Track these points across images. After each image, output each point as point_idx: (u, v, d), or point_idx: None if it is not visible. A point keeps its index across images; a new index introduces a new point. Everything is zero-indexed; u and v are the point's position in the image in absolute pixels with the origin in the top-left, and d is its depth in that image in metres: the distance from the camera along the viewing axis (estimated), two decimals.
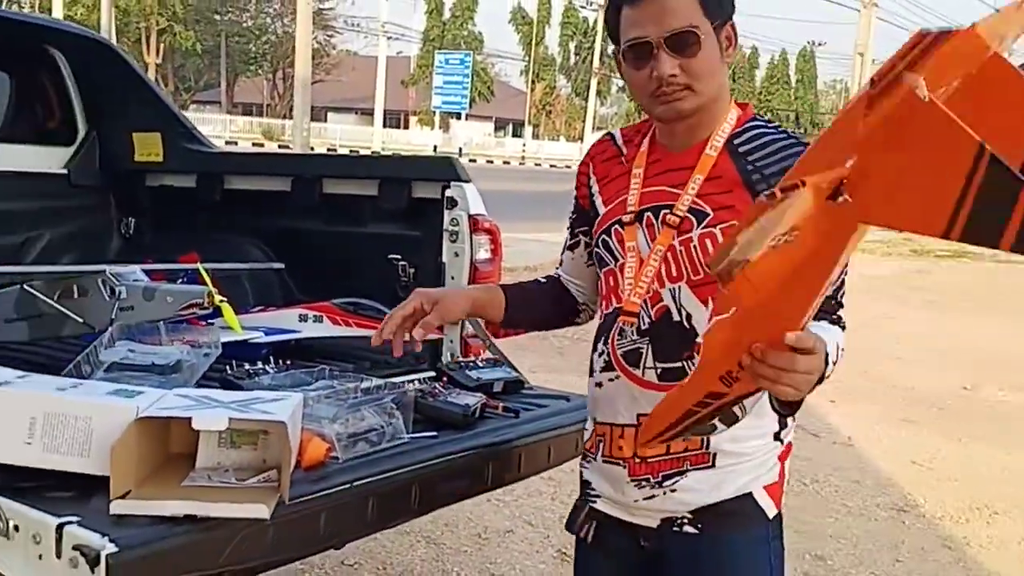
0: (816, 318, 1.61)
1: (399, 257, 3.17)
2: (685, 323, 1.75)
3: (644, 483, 1.82)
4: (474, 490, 2.32)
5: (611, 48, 1.90)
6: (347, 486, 1.86)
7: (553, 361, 7.19)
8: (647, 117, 1.87)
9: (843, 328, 1.73)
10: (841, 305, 1.74)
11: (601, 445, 1.89)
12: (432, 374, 2.77)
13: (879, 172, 1.15)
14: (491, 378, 2.63)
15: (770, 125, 1.84)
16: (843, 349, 1.66)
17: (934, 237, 1.06)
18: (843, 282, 1.73)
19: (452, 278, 3.01)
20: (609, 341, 1.83)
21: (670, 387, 1.59)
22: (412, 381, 2.52)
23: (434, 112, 51.10)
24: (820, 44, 67.85)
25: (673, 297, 1.77)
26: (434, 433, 2.19)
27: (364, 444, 2.00)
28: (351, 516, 1.90)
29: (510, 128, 65.64)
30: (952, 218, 1.02)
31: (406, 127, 58.35)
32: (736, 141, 1.79)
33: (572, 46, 60.77)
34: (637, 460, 1.82)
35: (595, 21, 56.63)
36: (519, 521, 4.44)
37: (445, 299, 1.95)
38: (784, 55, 67.99)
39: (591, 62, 57.00)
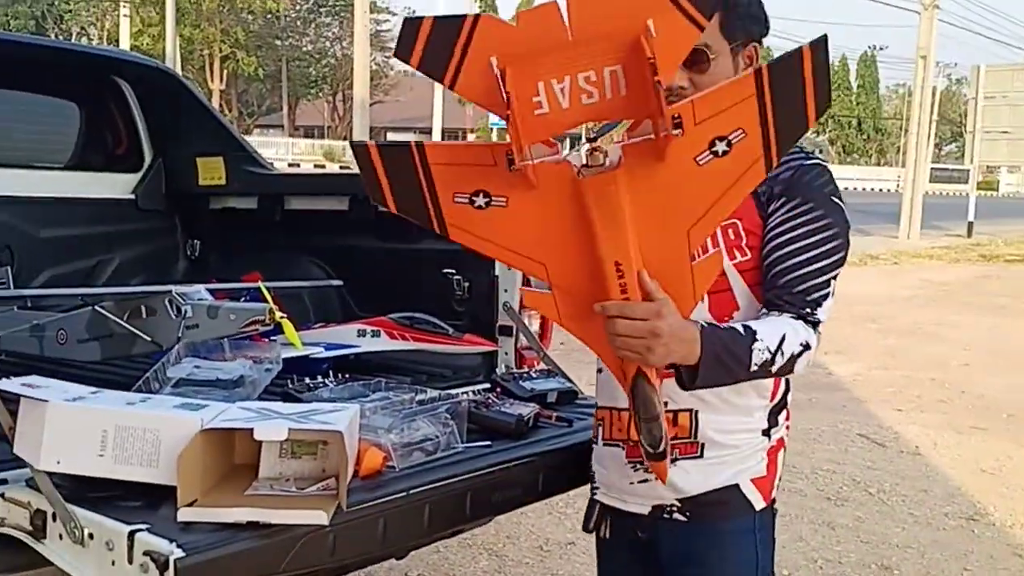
0: (780, 310, 1.76)
1: (454, 271, 3.23)
2: (706, 326, 1.80)
3: (639, 465, 1.91)
4: (527, 499, 2.35)
5: None
6: (403, 494, 1.91)
7: None
8: None
9: (811, 325, 1.78)
10: (811, 303, 1.79)
11: (601, 429, 2.01)
12: (487, 385, 2.82)
13: None
14: (545, 388, 2.67)
15: None
16: (804, 345, 1.74)
17: None
18: (823, 284, 1.79)
19: (505, 291, 3.06)
20: None
21: (664, 370, 1.70)
22: (467, 392, 2.57)
23: (491, 129, 51.35)
24: (881, 48, 66.76)
25: None
26: (488, 443, 2.24)
27: (419, 453, 2.06)
28: (407, 523, 1.95)
29: (567, 141, 65.66)
30: None
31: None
32: None
33: None
34: (632, 443, 1.89)
35: None
36: (580, 533, 4.45)
37: None
38: (844, 61, 66.95)
39: None
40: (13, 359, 2.85)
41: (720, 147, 1.47)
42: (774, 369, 1.73)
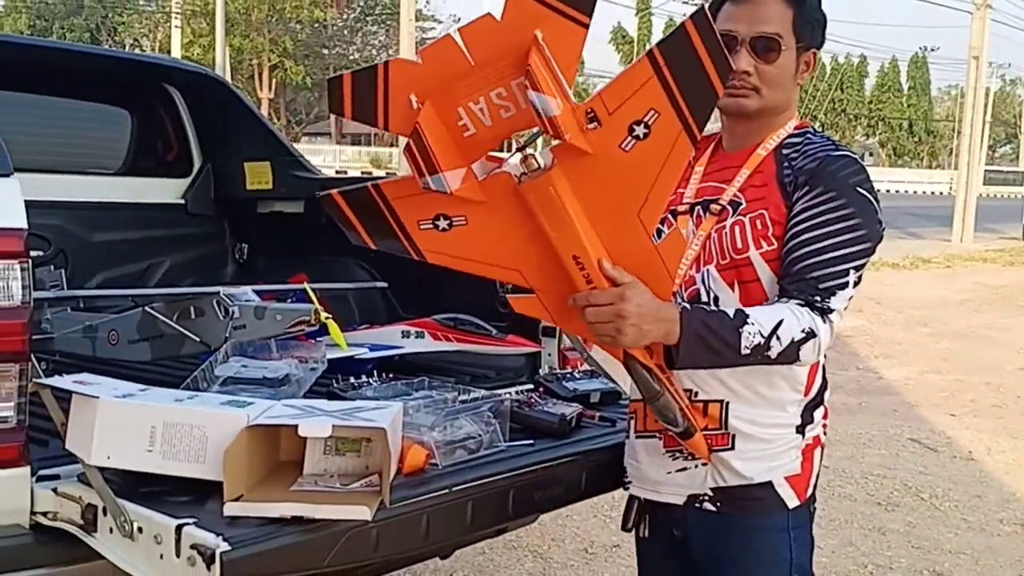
0: (790, 296, 1.77)
1: None
2: (712, 304, 1.85)
3: (678, 454, 1.93)
4: (570, 498, 2.35)
5: None
6: (446, 491, 1.93)
7: None
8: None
9: (820, 313, 1.77)
10: (823, 291, 1.78)
11: (634, 422, 2.03)
12: (530, 386, 2.82)
13: None
14: (588, 389, 2.66)
15: (819, 135, 1.93)
16: (807, 332, 1.73)
17: None
18: (839, 273, 1.78)
19: None
20: None
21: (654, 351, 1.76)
22: (510, 392, 2.57)
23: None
24: (933, 49, 65.65)
25: (703, 280, 1.89)
26: (531, 441, 2.24)
27: (462, 451, 2.07)
28: (450, 520, 1.96)
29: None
30: None
31: (508, 149, 58.91)
32: (784, 146, 1.90)
33: None
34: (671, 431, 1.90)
35: None
36: (625, 536, 4.43)
37: None
38: (895, 62, 66.00)
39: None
40: (67, 359, 2.92)
41: (639, 130, 1.54)
42: (772, 354, 1.73)
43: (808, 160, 1.84)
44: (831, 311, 1.79)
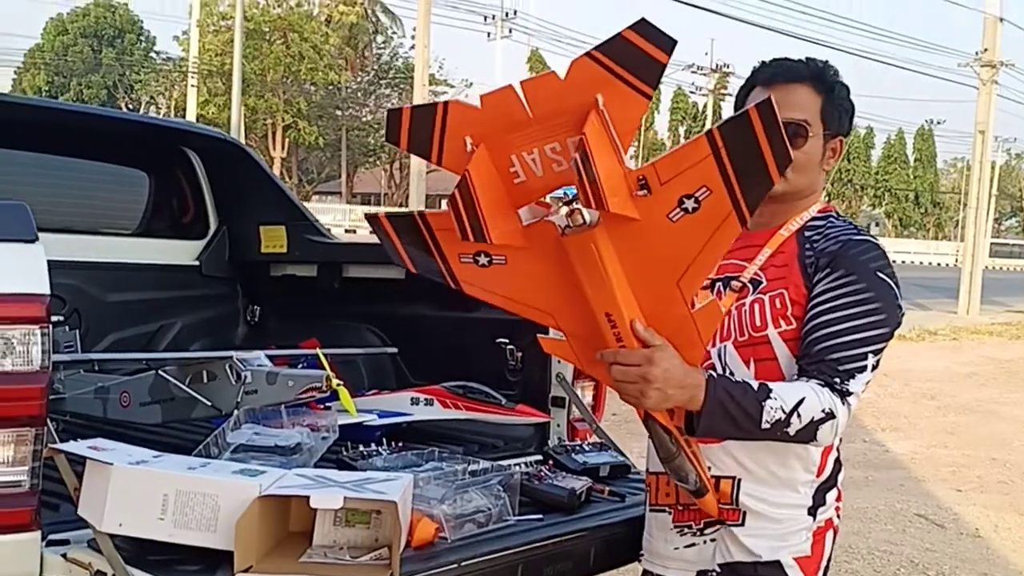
0: (809, 376, 1.80)
1: (507, 341, 3.26)
2: (715, 376, 1.84)
3: (687, 529, 1.94)
4: (579, 573, 2.33)
5: None
6: (455, 565, 1.92)
7: None
8: None
9: (839, 395, 1.79)
10: (843, 373, 1.80)
11: (648, 495, 2.04)
12: (539, 457, 2.82)
13: None
14: (597, 462, 2.66)
15: (842, 219, 1.96)
16: (826, 412, 1.76)
17: None
18: (858, 356, 1.81)
19: (559, 361, 3.07)
20: None
21: (708, 439, 1.79)
22: (519, 464, 2.57)
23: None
24: (939, 122, 66.09)
25: (719, 355, 1.91)
26: (540, 516, 2.24)
27: (471, 525, 2.07)
28: None
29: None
30: None
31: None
32: (807, 228, 1.93)
33: (682, 130, 61.00)
34: (680, 507, 1.94)
35: (704, 105, 56.77)
36: None
37: None
38: (901, 134, 66.57)
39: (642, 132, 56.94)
40: (78, 419, 2.93)
41: (689, 204, 1.56)
42: (791, 431, 1.74)
43: (830, 243, 1.88)
44: (850, 393, 1.81)
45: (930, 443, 8.31)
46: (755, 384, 1.75)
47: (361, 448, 2.60)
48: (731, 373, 1.89)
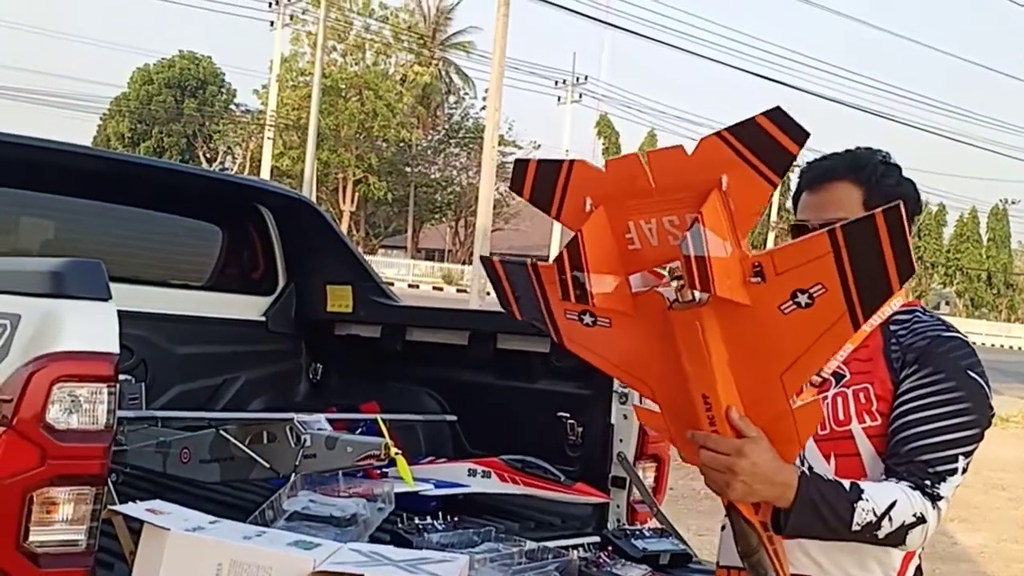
0: (899, 478, 1.72)
1: (568, 415, 3.21)
2: (807, 473, 1.77)
3: None
4: None
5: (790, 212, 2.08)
6: None
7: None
8: None
9: (930, 499, 1.71)
10: (933, 475, 1.73)
11: None
12: (597, 539, 2.75)
13: None
14: (657, 550, 2.59)
15: (928, 314, 1.91)
16: (917, 517, 1.68)
17: None
18: (950, 458, 1.74)
19: (620, 440, 3.01)
20: None
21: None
22: (577, 547, 2.51)
23: None
24: (1014, 202, 64.85)
25: None
26: None
27: None
28: None
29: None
30: None
31: None
32: (892, 323, 1.87)
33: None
34: None
35: None
36: None
37: None
38: (974, 212, 65.40)
39: (768, 215, 56.69)
40: (137, 471, 2.94)
41: (802, 299, 1.51)
42: (880, 535, 1.67)
43: (918, 338, 1.82)
44: (941, 497, 1.73)
45: (1001, 536, 7.98)
46: (847, 484, 1.68)
47: (416, 521, 2.56)
48: (809, 468, 1.81)
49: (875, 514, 1.66)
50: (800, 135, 1.45)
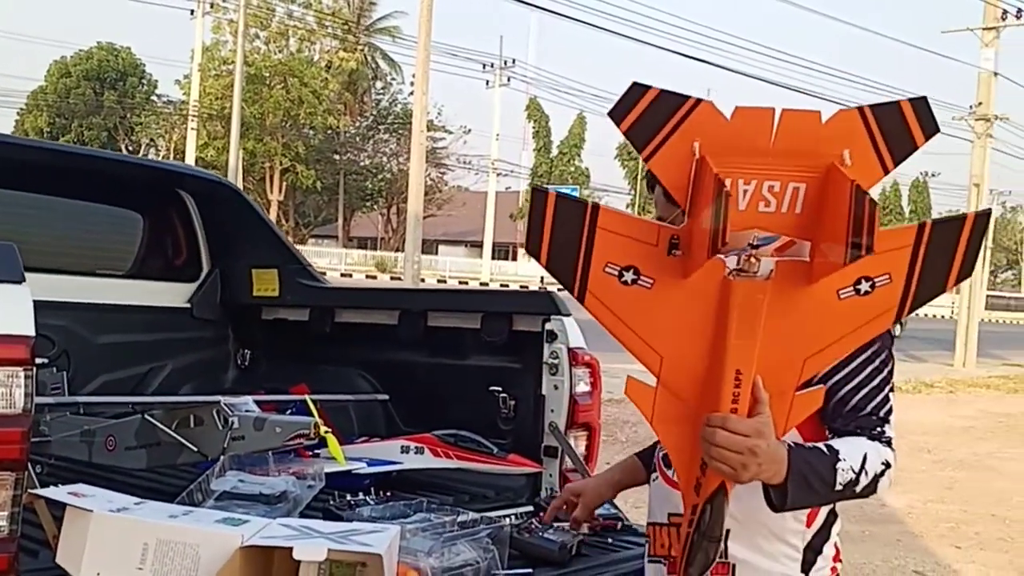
0: (849, 434, 1.76)
1: (500, 389, 3.22)
2: (792, 445, 1.78)
3: None
4: None
5: None
6: None
7: None
8: None
9: (886, 444, 1.79)
10: (883, 421, 1.81)
11: (648, 545, 1.98)
12: (530, 508, 2.77)
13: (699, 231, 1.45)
14: None
15: None
16: (886, 464, 1.75)
17: None
18: (883, 400, 1.81)
19: (552, 410, 3.04)
20: (657, 445, 1.97)
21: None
22: (509, 516, 2.53)
23: None
24: (934, 175, 66.67)
25: None
26: (529, 569, 2.19)
27: None
28: None
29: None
30: None
31: (514, 259, 59.39)
32: None
33: None
34: (674, 558, 1.84)
35: None
36: None
37: (587, 493, 2.30)
38: (896, 186, 67.10)
39: None
40: (62, 463, 2.88)
41: (864, 287, 1.51)
42: (858, 489, 1.72)
43: None
44: (891, 438, 1.80)
45: (927, 498, 8.23)
46: (823, 447, 1.71)
47: (348, 497, 2.56)
48: None
49: (854, 471, 1.70)
50: (931, 129, 1.46)
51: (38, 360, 1.92)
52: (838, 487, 1.69)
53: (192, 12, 35.64)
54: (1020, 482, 9.09)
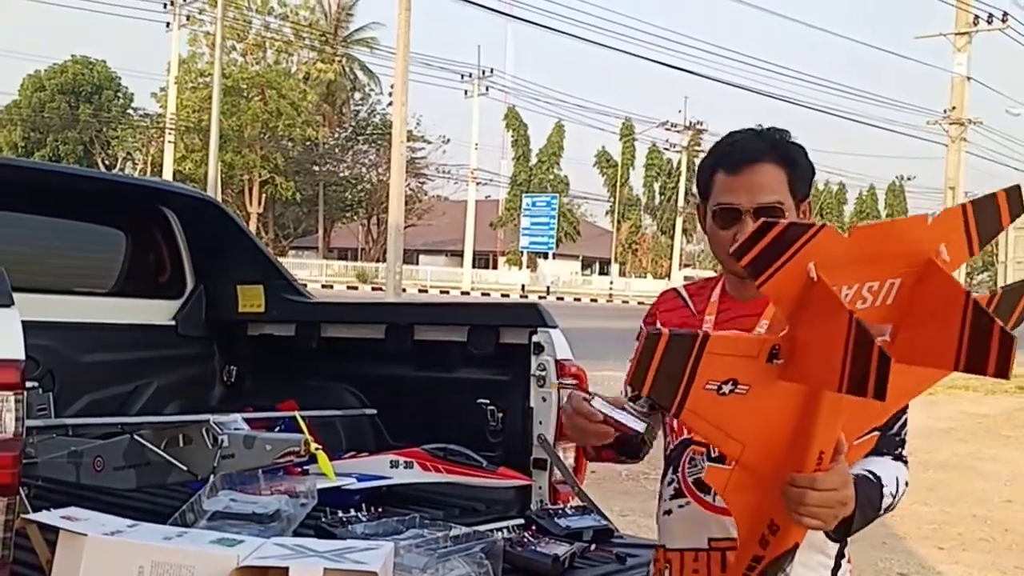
0: (877, 454, 1.77)
1: (488, 402, 3.23)
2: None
3: None
4: None
5: (696, 197, 2.06)
6: None
7: (651, 505, 7.05)
8: (712, 275, 2.06)
9: (905, 463, 1.83)
10: (903, 443, 1.84)
11: (667, 572, 1.94)
12: (521, 522, 2.78)
13: (803, 339, 1.46)
14: (580, 526, 2.63)
15: None
16: (907, 483, 1.78)
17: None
18: (904, 422, 1.83)
19: (540, 423, 3.05)
20: (679, 470, 1.92)
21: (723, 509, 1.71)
22: (501, 529, 2.54)
23: (522, 252, 52.07)
24: (910, 178, 67.31)
25: None
26: None
27: None
28: None
29: (597, 266, 66.24)
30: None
31: (495, 267, 59.42)
32: None
33: (656, 186, 61.64)
34: None
35: (678, 162, 57.51)
36: None
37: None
38: (872, 190, 67.71)
39: (676, 201, 57.68)
40: (50, 484, 2.87)
41: None
42: (891, 510, 1.76)
43: None
44: (906, 457, 1.83)
45: (911, 500, 8.27)
46: (867, 474, 1.73)
47: (340, 514, 2.56)
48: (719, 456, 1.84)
49: (892, 496, 1.74)
50: (1018, 211, 1.50)
51: (28, 385, 1.92)
52: (881, 512, 1.73)
53: (168, 25, 35.47)
54: (1000, 482, 9.18)
